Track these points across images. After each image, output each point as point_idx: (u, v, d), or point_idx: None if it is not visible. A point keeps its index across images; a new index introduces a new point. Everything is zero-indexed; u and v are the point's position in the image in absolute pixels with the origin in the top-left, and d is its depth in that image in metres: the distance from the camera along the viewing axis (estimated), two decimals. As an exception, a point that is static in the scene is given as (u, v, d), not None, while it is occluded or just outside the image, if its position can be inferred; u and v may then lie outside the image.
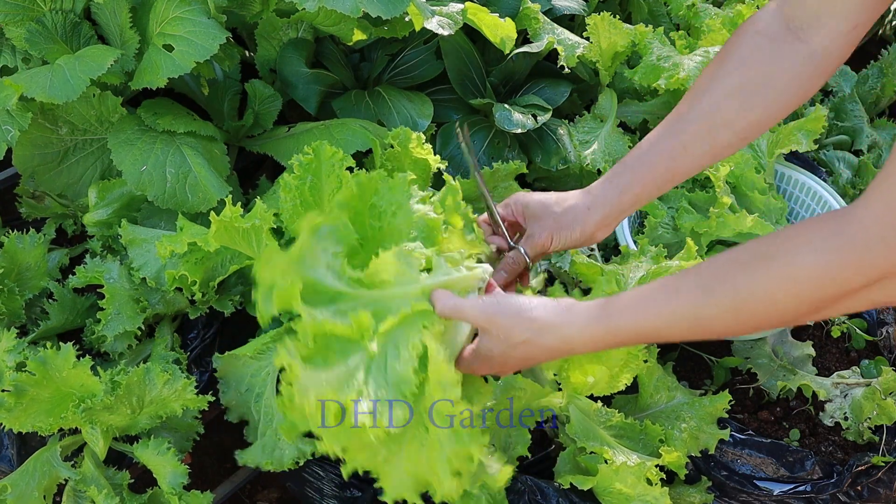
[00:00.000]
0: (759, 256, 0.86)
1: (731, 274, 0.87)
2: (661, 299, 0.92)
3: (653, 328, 0.93)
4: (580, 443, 1.27)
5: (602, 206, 1.16)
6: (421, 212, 1.25)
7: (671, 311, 0.91)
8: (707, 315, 0.89)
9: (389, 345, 0.96)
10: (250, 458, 1.34)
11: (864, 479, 1.35)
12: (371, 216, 1.28)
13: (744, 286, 0.86)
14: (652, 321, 0.93)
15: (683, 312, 0.91)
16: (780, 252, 0.84)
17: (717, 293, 0.88)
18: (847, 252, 0.80)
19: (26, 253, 1.48)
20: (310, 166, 1.33)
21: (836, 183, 1.98)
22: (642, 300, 0.94)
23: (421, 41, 1.80)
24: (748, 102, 1.08)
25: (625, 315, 0.94)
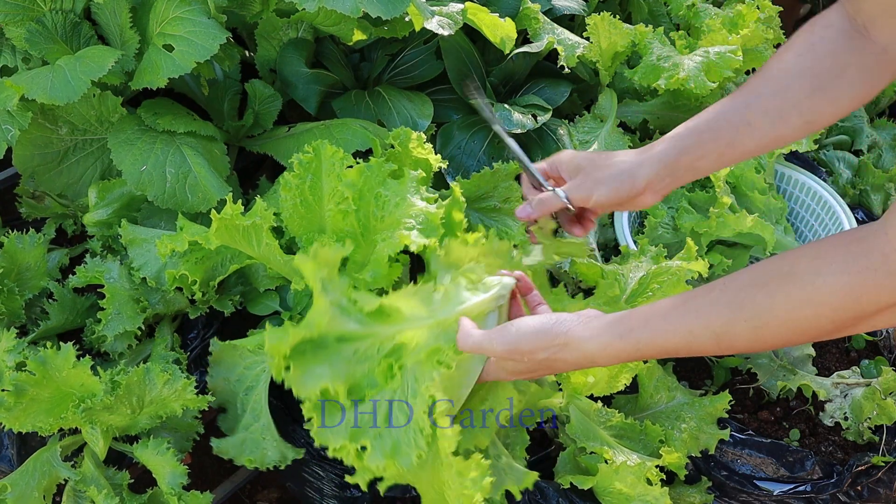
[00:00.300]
0: (780, 276, 0.86)
1: (752, 293, 0.88)
2: (682, 317, 0.93)
3: (674, 344, 0.94)
4: (580, 443, 1.27)
5: (657, 163, 1.11)
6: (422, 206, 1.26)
7: (692, 329, 0.92)
8: (728, 334, 0.90)
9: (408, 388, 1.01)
10: (226, 448, 1.34)
11: (864, 479, 1.35)
12: (377, 204, 1.29)
13: (765, 306, 0.86)
14: (672, 338, 0.93)
15: (704, 332, 0.91)
16: (802, 272, 0.84)
17: (737, 313, 0.89)
18: (870, 275, 0.80)
19: (26, 253, 1.48)
20: (310, 165, 1.33)
21: (836, 183, 1.98)
22: (663, 317, 0.94)
23: (421, 41, 1.80)
24: (820, 88, 1.06)
25: (646, 331, 0.95)
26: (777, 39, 2.00)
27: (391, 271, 1.25)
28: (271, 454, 1.34)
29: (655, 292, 1.36)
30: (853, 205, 1.92)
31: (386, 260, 1.24)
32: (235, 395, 1.39)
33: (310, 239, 1.38)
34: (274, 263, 1.38)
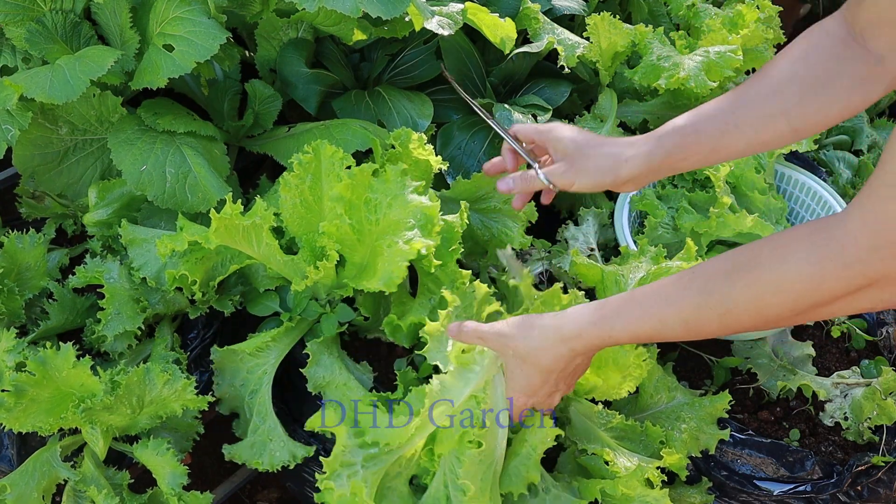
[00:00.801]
0: (745, 265, 0.89)
1: (718, 282, 0.91)
2: (654, 305, 0.97)
3: (645, 332, 0.99)
4: (581, 444, 1.27)
5: (641, 163, 1.14)
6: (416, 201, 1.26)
7: (663, 316, 0.96)
8: (696, 320, 0.94)
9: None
10: (238, 453, 1.35)
11: (864, 479, 1.35)
12: (367, 209, 1.29)
13: (730, 294, 0.90)
14: (644, 326, 0.99)
15: (674, 318, 0.95)
16: (766, 260, 0.87)
17: (705, 299, 0.92)
18: (828, 264, 0.82)
19: (26, 253, 1.48)
20: (310, 165, 1.33)
21: (836, 183, 1.98)
22: (638, 305, 0.99)
23: (421, 41, 1.80)
24: (811, 95, 1.06)
25: (620, 319, 1.00)
26: (777, 39, 2.00)
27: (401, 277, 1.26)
28: (280, 454, 1.34)
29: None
30: (853, 205, 1.91)
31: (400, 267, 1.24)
32: (242, 399, 1.39)
33: (309, 239, 1.38)
34: (274, 263, 1.38)
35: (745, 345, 1.56)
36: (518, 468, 1.18)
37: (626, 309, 1.00)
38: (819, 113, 1.07)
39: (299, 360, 1.39)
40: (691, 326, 0.95)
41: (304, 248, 1.38)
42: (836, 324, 1.61)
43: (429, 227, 1.26)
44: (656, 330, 0.98)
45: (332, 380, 1.36)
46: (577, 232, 1.69)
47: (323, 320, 1.43)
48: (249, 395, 1.39)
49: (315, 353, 1.37)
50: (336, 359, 1.39)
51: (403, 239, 1.25)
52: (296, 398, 1.45)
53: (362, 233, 1.32)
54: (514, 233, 1.54)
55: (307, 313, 1.43)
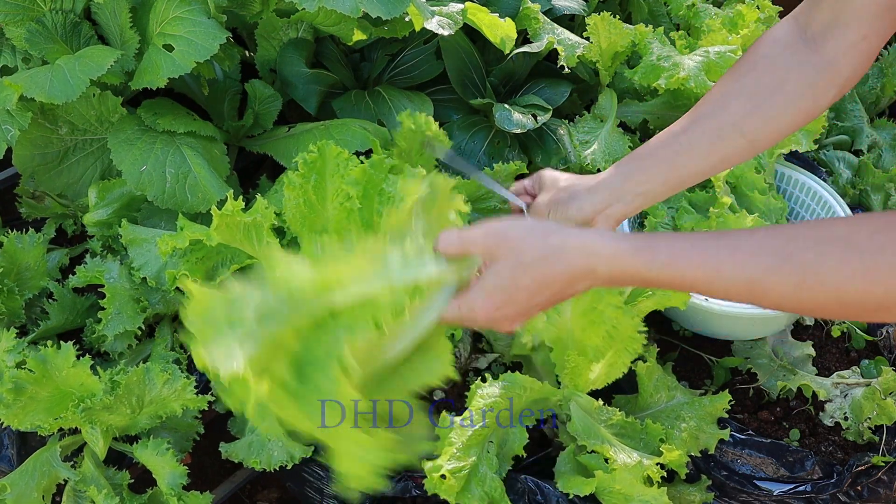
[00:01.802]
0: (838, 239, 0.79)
1: (803, 247, 0.79)
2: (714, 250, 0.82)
3: (694, 278, 0.83)
4: (581, 441, 1.27)
5: (604, 190, 1.11)
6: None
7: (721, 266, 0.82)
8: (765, 283, 0.81)
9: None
10: (235, 451, 1.34)
11: (864, 479, 1.35)
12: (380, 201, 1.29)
13: (815, 265, 0.78)
14: (695, 270, 0.83)
15: (739, 274, 0.81)
16: (863, 243, 0.77)
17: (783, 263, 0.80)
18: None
19: (26, 253, 1.48)
20: (315, 165, 1.33)
21: (836, 183, 1.98)
22: (692, 244, 0.84)
23: (421, 41, 1.80)
24: (758, 105, 1.05)
25: (666, 253, 0.84)
26: (777, 39, 2.00)
27: None
28: (278, 454, 1.34)
29: (656, 291, 1.36)
30: (853, 205, 1.92)
31: None
32: (240, 398, 1.39)
33: (312, 239, 1.38)
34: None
35: (745, 345, 1.56)
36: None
37: (679, 245, 0.84)
38: (769, 123, 1.06)
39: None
40: (755, 288, 0.81)
41: (306, 247, 1.38)
42: (836, 324, 1.61)
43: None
44: (709, 279, 0.82)
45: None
46: (577, 232, 1.69)
47: (323, 320, 1.43)
48: (249, 395, 1.39)
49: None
50: (336, 359, 1.39)
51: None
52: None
53: (370, 226, 1.32)
54: (514, 233, 1.54)
55: (307, 313, 1.43)
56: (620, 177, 1.11)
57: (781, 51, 1.05)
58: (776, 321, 1.51)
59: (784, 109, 1.05)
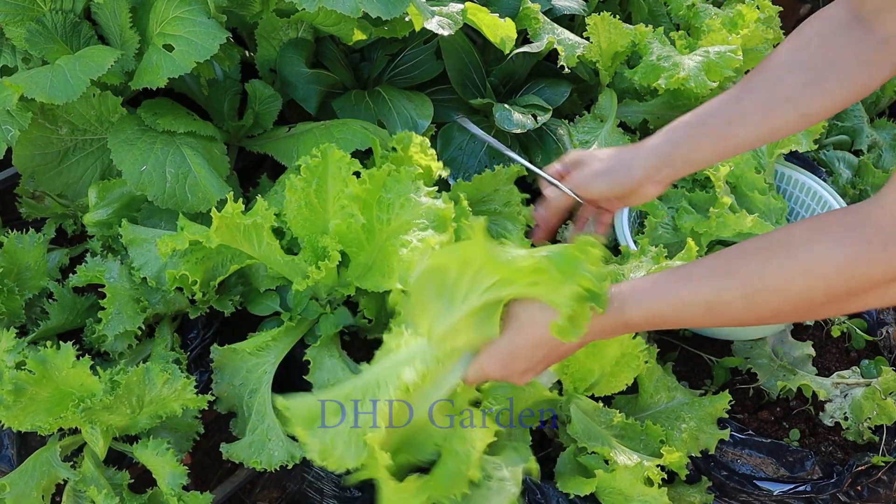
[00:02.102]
0: (775, 245, 0.85)
1: (745, 261, 0.86)
2: (673, 285, 0.90)
3: (663, 315, 0.92)
4: (581, 443, 1.27)
5: (653, 156, 1.15)
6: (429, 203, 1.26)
7: (682, 297, 0.89)
8: (719, 302, 0.88)
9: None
10: (236, 452, 1.35)
11: (864, 479, 1.35)
12: (379, 209, 1.29)
13: (757, 274, 0.85)
14: (662, 308, 0.91)
15: (695, 299, 0.89)
16: (797, 242, 0.83)
17: (729, 280, 0.87)
18: (864, 247, 0.79)
19: (26, 253, 1.48)
20: (317, 169, 1.33)
21: (836, 183, 1.98)
22: (653, 286, 0.92)
23: (421, 41, 1.80)
24: (813, 80, 1.07)
25: (635, 301, 0.92)
26: (777, 39, 2.00)
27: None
28: (278, 454, 1.34)
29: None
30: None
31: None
32: (241, 398, 1.39)
33: (312, 240, 1.38)
34: (274, 263, 1.38)
35: (745, 345, 1.56)
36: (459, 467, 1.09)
37: (642, 289, 0.92)
38: (825, 97, 1.07)
39: (300, 360, 1.39)
40: (714, 309, 0.88)
41: (307, 248, 1.38)
42: (836, 324, 1.61)
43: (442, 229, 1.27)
44: (676, 312, 0.90)
45: (335, 381, 1.36)
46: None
47: (322, 321, 1.43)
48: (249, 395, 1.39)
49: (316, 358, 1.37)
50: (338, 360, 1.39)
51: (417, 237, 1.25)
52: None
53: (372, 232, 1.32)
54: (513, 235, 1.54)
55: (307, 313, 1.43)
56: (669, 144, 1.14)
57: (835, 28, 1.07)
58: (776, 321, 1.52)
59: (841, 84, 1.07)
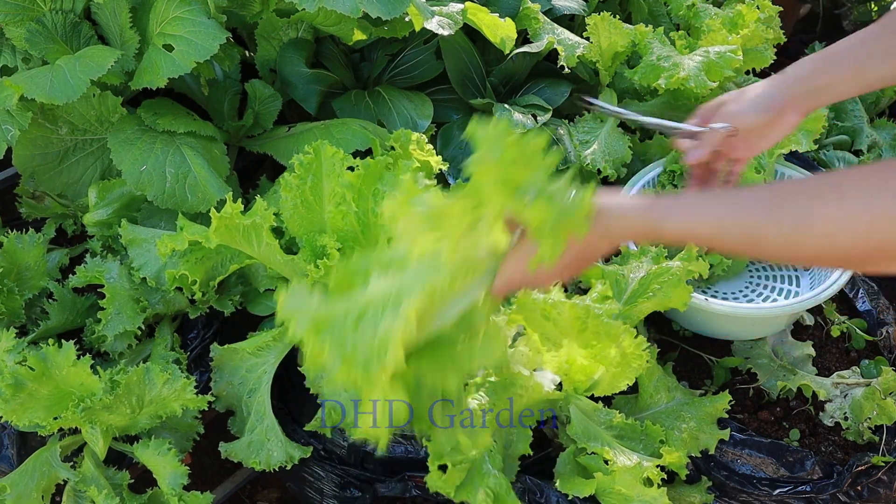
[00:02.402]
0: (830, 187, 0.83)
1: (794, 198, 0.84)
2: (716, 207, 0.89)
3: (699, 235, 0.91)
4: (581, 443, 1.27)
5: (795, 84, 1.18)
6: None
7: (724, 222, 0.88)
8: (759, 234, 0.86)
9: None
10: (235, 451, 1.35)
11: (864, 479, 1.35)
12: (375, 201, 1.29)
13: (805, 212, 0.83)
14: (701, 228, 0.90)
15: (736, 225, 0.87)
16: (853, 187, 0.81)
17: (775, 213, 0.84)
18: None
19: (26, 253, 1.48)
20: (311, 166, 1.33)
21: (836, 183, 1.98)
22: (696, 205, 0.91)
23: (421, 41, 1.80)
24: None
25: (675, 216, 0.90)
26: (777, 39, 2.00)
27: None
28: (277, 455, 1.34)
29: (656, 292, 1.36)
30: (853, 205, 1.91)
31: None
32: (240, 398, 1.39)
33: (310, 239, 1.38)
34: (274, 263, 1.38)
35: (745, 345, 1.56)
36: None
37: (684, 205, 0.90)
38: None
39: (300, 361, 1.39)
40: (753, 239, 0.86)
41: (305, 247, 1.38)
42: (836, 324, 1.61)
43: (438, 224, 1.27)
44: (714, 236, 0.88)
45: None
46: (577, 232, 1.69)
47: (323, 320, 1.43)
48: (248, 394, 1.39)
49: (314, 354, 1.37)
50: (336, 358, 1.39)
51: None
52: (296, 399, 1.45)
53: (367, 225, 1.32)
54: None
55: (307, 313, 1.43)
56: (808, 72, 1.18)
57: None
58: (776, 321, 1.51)
59: None
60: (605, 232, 0.93)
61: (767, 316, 1.45)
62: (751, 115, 1.22)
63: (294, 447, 1.36)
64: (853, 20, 2.92)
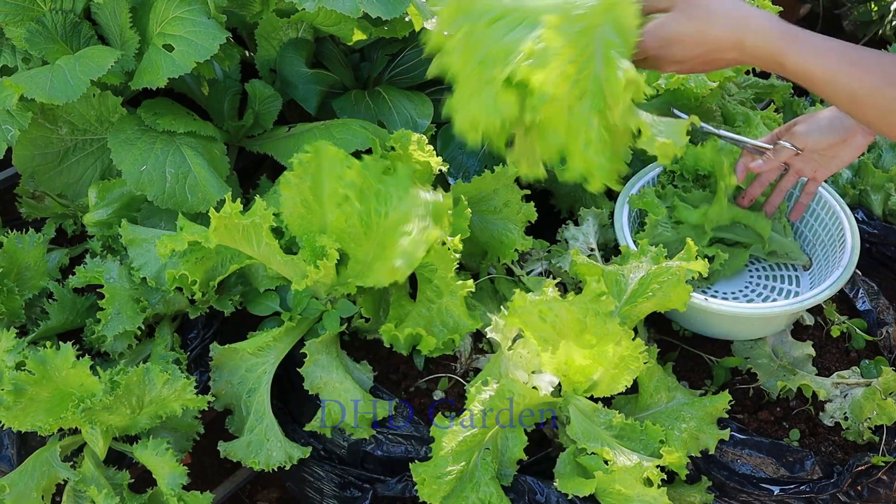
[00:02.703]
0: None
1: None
2: (839, 60, 0.99)
3: (816, 77, 1.00)
4: (580, 444, 1.27)
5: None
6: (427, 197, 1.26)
7: (840, 76, 0.98)
8: (864, 94, 0.97)
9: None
10: (234, 451, 1.35)
11: (864, 479, 1.35)
12: (377, 201, 1.29)
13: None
14: (821, 71, 1.00)
15: (848, 85, 0.98)
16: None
17: (887, 85, 0.96)
18: None
19: (26, 253, 1.48)
20: (310, 166, 1.33)
21: (836, 183, 1.98)
22: (827, 48, 1.01)
23: (421, 41, 1.80)
24: None
25: (808, 48, 1.01)
26: (777, 39, 2.00)
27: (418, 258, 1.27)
28: (276, 455, 1.34)
29: (656, 292, 1.36)
30: (853, 205, 1.91)
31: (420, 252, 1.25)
32: (239, 397, 1.39)
33: (310, 239, 1.38)
34: (274, 263, 1.38)
35: (745, 345, 1.56)
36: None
37: (815, 43, 1.01)
38: None
39: (300, 361, 1.39)
40: (858, 99, 0.97)
41: (305, 247, 1.38)
42: (836, 324, 1.61)
43: (439, 221, 1.27)
44: (826, 82, 0.99)
45: (329, 380, 1.36)
46: (577, 232, 1.68)
47: (325, 317, 1.43)
48: (247, 394, 1.39)
49: (313, 352, 1.36)
50: (334, 358, 1.39)
51: (419, 227, 1.26)
52: (296, 399, 1.45)
53: (370, 226, 1.32)
54: (514, 234, 1.54)
55: (308, 312, 1.43)
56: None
57: None
58: (776, 321, 1.51)
59: None
60: (736, 44, 1.04)
61: (767, 316, 1.45)
62: (818, 136, 1.33)
63: (294, 447, 1.36)
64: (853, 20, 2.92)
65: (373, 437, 1.37)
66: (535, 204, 1.60)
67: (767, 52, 1.03)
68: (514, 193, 1.55)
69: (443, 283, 1.37)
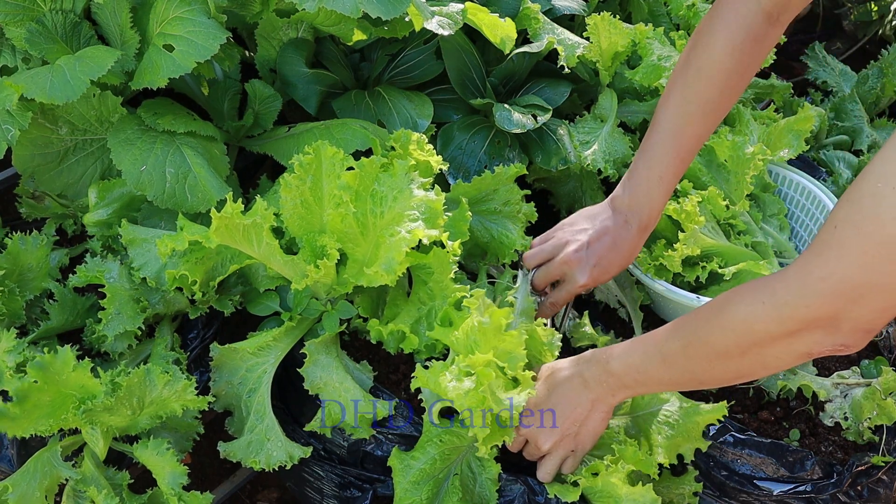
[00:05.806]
0: (710, 309, 1.06)
1: (687, 323, 1.09)
2: (641, 348, 1.15)
3: (636, 371, 1.16)
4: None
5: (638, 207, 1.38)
6: (422, 195, 1.26)
7: (646, 354, 1.14)
8: (667, 354, 1.11)
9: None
10: (234, 451, 1.35)
11: (864, 479, 1.35)
12: (373, 202, 1.29)
13: (693, 332, 1.07)
14: (635, 357, 1.16)
15: (652, 354, 1.13)
16: (725, 305, 1.03)
17: (674, 339, 1.10)
18: (764, 304, 0.97)
19: (29, 254, 1.48)
20: (310, 166, 1.33)
21: (836, 183, 1.98)
22: (630, 348, 1.18)
23: (421, 41, 1.80)
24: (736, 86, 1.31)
25: (619, 359, 1.18)
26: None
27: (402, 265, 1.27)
28: (277, 454, 1.34)
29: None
30: (853, 205, 1.91)
31: (402, 253, 1.25)
32: (239, 398, 1.39)
33: (310, 239, 1.38)
34: (274, 263, 1.38)
35: (745, 345, 1.56)
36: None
37: (628, 346, 1.17)
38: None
39: (300, 361, 1.39)
40: (667, 361, 1.11)
41: (305, 247, 1.38)
42: (835, 324, 1.61)
43: (433, 220, 1.27)
44: (643, 363, 1.14)
45: (329, 380, 1.35)
46: (577, 232, 1.68)
47: (324, 318, 1.43)
48: (247, 394, 1.39)
49: (312, 352, 1.36)
50: (334, 358, 1.39)
51: (406, 228, 1.26)
52: (296, 398, 1.46)
53: (366, 226, 1.32)
54: (513, 234, 1.54)
55: (308, 312, 1.43)
56: (629, 191, 1.40)
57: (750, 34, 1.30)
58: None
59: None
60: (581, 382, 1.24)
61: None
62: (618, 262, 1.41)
63: (294, 447, 1.36)
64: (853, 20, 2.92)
65: (373, 437, 1.37)
66: (534, 204, 1.60)
67: (627, 389, 1.21)
68: (514, 193, 1.55)
69: (437, 287, 1.38)
